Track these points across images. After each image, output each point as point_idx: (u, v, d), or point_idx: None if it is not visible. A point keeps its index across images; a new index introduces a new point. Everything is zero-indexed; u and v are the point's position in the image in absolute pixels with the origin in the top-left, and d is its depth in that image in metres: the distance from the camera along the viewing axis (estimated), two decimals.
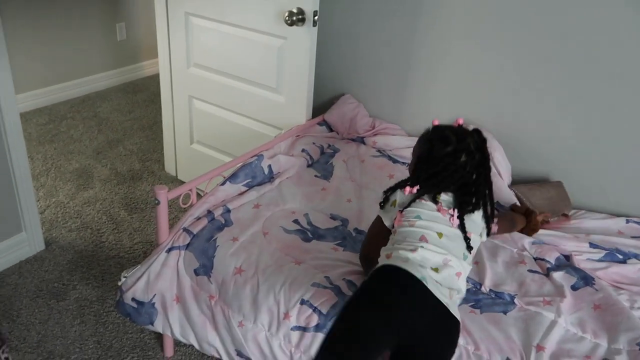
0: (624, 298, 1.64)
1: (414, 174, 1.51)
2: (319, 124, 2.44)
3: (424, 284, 1.30)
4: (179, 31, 2.61)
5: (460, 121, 1.52)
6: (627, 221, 2.02)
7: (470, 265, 1.43)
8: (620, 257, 1.81)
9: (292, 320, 1.55)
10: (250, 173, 2.00)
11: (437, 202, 1.43)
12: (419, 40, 2.31)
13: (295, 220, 1.87)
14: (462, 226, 1.42)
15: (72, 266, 2.39)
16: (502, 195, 2.07)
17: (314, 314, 1.53)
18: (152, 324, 1.79)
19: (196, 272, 1.72)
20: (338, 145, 2.37)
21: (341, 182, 2.13)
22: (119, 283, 1.79)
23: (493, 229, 1.54)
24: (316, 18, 2.15)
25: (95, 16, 3.99)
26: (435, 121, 1.54)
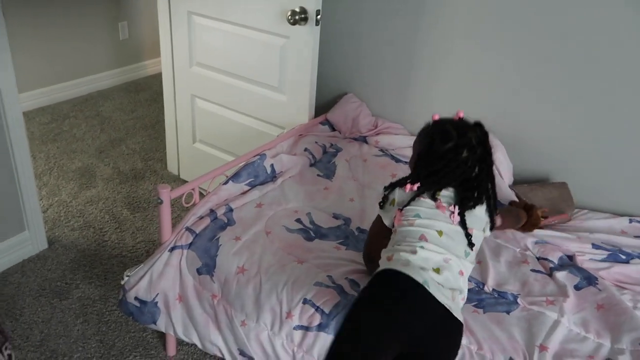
0: (627, 298, 1.64)
1: (414, 171, 1.49)
2: (322, 123, 2.43)
3: (426, 288, 1.29)
4: (181, 30, 2.61)
5: (461, 114, 1.48)
6: (630, 221, 2.01)
7: (472, 263, 1.42)
8: (624, 257, 1.81)
9: (295, 319, 1.55)
10: (253, 172, 2.00)
11: (437, 199, 1.41)
12: (421, 39, 2.31)
13: (298, 220, 1.87)
14: (463, 223, 1.40)
15: (75, 265, 2.39)
16: (502, 195, 2.06)
17: (317, 314, 1.53)
18: (155, 323, 1.80)
19: (199, 271, 1.72)
20: (340, 145, 2.37)
21: (344, 182, 2.13)
22: (122, 282, 1.79)
23: (497, 222, 1.51)
24: (319, 17, 2.15)
25: (97, 15, 4.00)
26: (436, 116, 1.50)
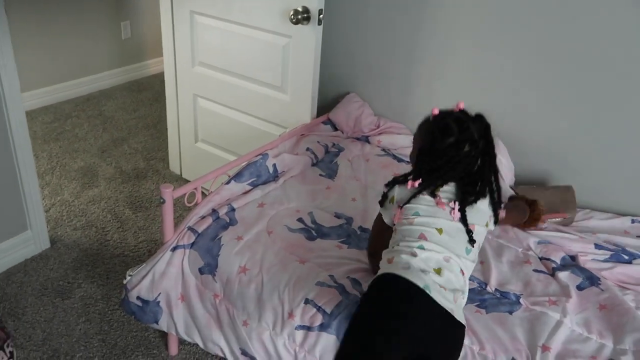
0: (630, 298, 1.63)
1: (415, 167, 1.46)
2: (324, 123, 2.43)
3: (427, 292, 1.26)
4: (183, 29, 2.62)
5: (462, 105, 1.44)
6: (633, 221, 2.01)
7: (474, 261, 1.40)
8: (626, 258, 1.80)
9: (297, 319, 1.55)
10: (255, 172, 2.00)
11: (436, 196, 1.38)
12: (423, 39, 2.30)
13: (300, 219, 1.87)
14: (464, 219, 1.37)
15: (77, 264, 2.39)
16: (503, 195, 2.04)
17: (318, 314, 1.53)
18: (157, 322, 1.80)
19: (201, 271, 1.72)
20: (343, 144, 2.36)
21: (346, 181, 2.13)
22: (124, 281, 1.80)
23: (501, 215, 1.48)
24: (321, 17, 2.15)
25: (100, 14, 4.00)
26: (435, 110, 1.46)
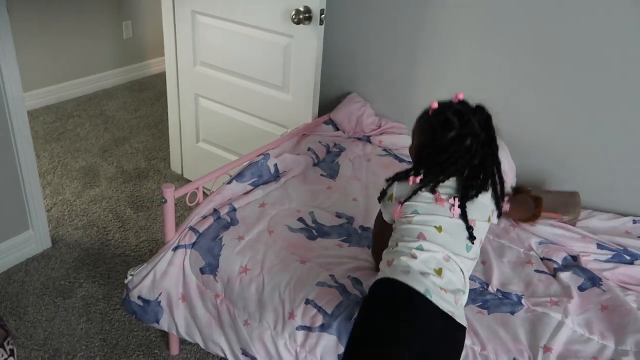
0: (632, 299, 1.63)
1: (416, 163, 1.43)
2: (325, 123, 2.43)
3: (428, 298, 1.24)
4: (185, 29, 2.62)
5: (460, 96, 1.39)
6: (634, 221, 2.00)
7: (474, 259, 1.37)
8: (628, 258, 1.80)
9: (297, 319, 1.55)
10: (257, 172, 2.00)
11: (435, 192, 1.35)
12: (425, 39, 2.30)
13: (300, 219, 1.87)
14: (464, 215, 1.34)
15: (79, 264, 2.40)
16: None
17: (319, 314, 1.53)
18: (158, 322, 1.80)
19: (202, 271, 1.72)
20: (344, 144, 2.36)
21: (347, 181, 2.13)
22: (125, 281, 1.80)
23: (504, 208, 1.45)
24: (323, 16, 2.15)
25: (101, 14, 4.00)
26: (434, 103, 1.40)
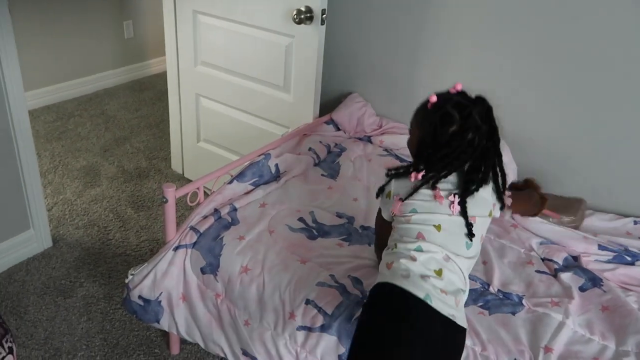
0: (632, 299, 1.63)
1: (417, 159, 1.39)
2: (326, 123, 2.43)
3: (428, 303, 1.22)
4: (186, 29, 2.62)
5: (459, 87, 1.35)
6: (635, 222, 2.00)
7: (475, 255, 1.35)
8: (629, 259, 1.80)
9: (298, 320, 1.55)
10: (258, 172, 2.00)
11: (435, 188, 1.32)
12: (426, 39, 2.30)
13: (301, 219, 1.87)
14: (464, 212, 1.32)
15: (79, 263, 2.40)
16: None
17: (319, 315, 1.53)
18: (158, 321, 1.80)
19: (202, 271, 1.72)
20: (345, 144, 2.36)
21: (348, 181, 2.13)
22: (126, 280, 1.80)
23: (507, 202, 1.41)
24: (324, 17, 2.15)
25: (102, 14, 4.00)
26: (433, 97, 1.34)
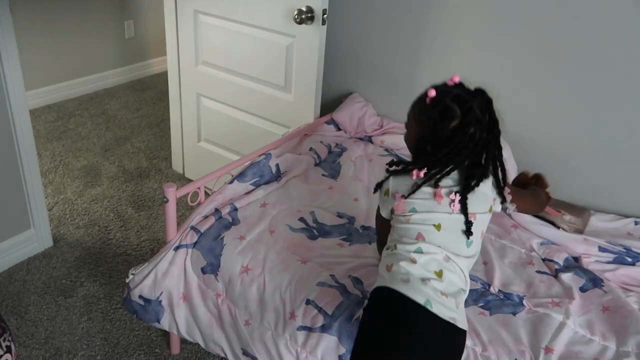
0: (633, 300, 1.63)
1: (417, 156, 1.37)
2: (327, 123, 2.43)
3: (428, 309, 1.21)
4: (187, 29, 2.62)
5: (457, 79, 1.32)
6: (636, 223, 2.00)
7: (474, 255, 1.34)
8: (630, 260, 1.80)
9: (298, 320, 1.55)
10: (259, 172, 2.00)
11: (437, 186, 1.30)
12: (427, 39, 2.30)
13: (301, 219, 1.87)
14: (465, 210, 1.30)
15: (80, 263, 2.40)
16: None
17: (319, 315, 1.53)
18: (159, 321, 1.80)
19: (203, 271, 1.72)
20: (346, 144, 2.36)
21: (348, 181, 2.13)
22: (127, 280, 1.80)
23: (507, 197, 1.39)
24: (325, 17, 2.15)
25: (103, 14, 4.00)
26: (432, 92, 1.32)
